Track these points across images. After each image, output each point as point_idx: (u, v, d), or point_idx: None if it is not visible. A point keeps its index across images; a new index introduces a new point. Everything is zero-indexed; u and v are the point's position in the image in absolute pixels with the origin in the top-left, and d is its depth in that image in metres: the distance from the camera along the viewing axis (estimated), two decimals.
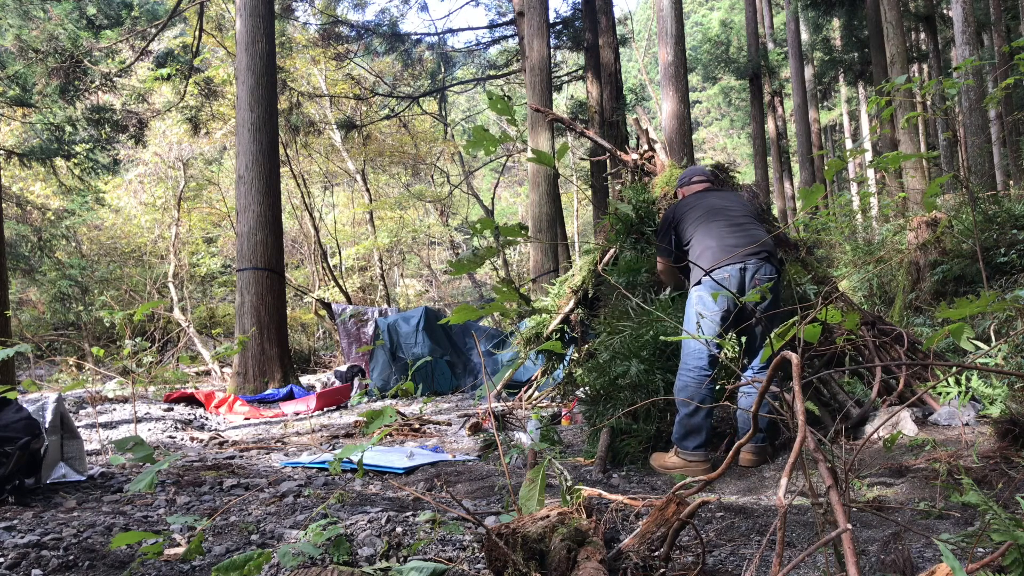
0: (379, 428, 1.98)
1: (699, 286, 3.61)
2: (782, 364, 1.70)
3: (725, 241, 3.62)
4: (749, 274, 3.54)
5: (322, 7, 16.08)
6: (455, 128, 23.41)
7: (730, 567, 2.14)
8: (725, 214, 3.74)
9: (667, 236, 3.88)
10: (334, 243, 19.91)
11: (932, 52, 17.67)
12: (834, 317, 2.03)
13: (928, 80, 5.22)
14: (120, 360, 8.87)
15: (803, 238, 7.76)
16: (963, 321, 1.72)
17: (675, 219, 3.86)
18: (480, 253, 1.91)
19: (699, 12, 39.99)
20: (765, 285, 2.55)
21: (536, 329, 6.06)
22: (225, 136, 16.14)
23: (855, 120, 27.75)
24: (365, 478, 3.85)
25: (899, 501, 2.78)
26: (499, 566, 1.81)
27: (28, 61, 11.08)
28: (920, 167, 10.12)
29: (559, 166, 18.03)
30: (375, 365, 9.30)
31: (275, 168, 9.27)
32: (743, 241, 3.60)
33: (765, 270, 3.55)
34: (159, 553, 2.06)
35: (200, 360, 13.28)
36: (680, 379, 3.62)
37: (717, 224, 3.69)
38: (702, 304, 3.55)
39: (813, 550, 1.28)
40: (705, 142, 40.01)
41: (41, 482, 3.42)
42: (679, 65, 9.01)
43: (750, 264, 3.54)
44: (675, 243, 3.85)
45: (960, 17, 9.82)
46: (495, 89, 20.78)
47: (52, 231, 14.52)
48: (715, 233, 3.66)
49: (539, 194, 11.25)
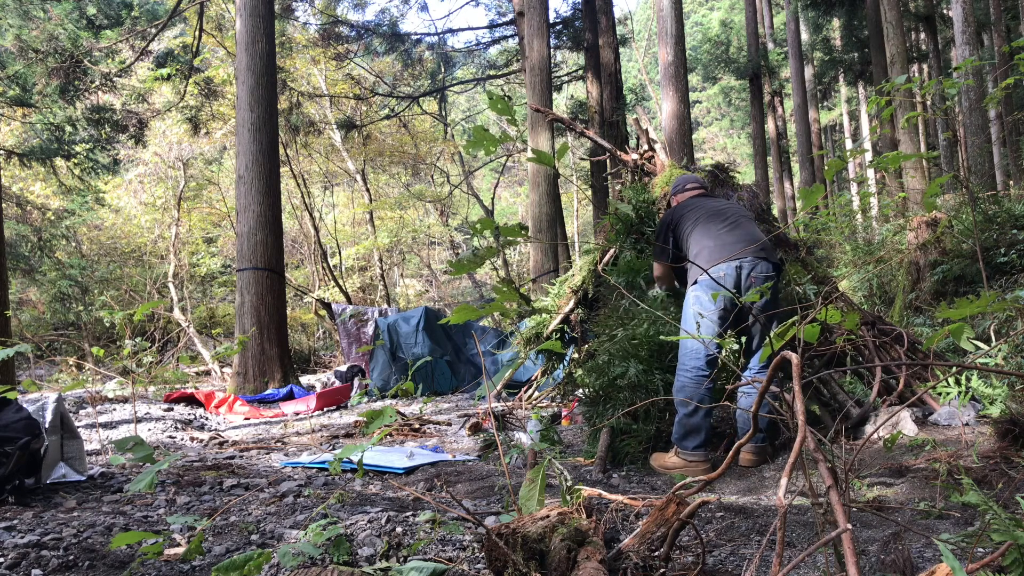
0: (379, 428, 1.98)
1: (696, 285, 3.62)
2: (782, 364, 1.70)
3: (722, 240, 3.62)
4: (745, 272, 3.54)
5: (322, 7, 16.08)
6: (455, 128, 23.41)
7: (730, 567, 2.14)
8: (722, 215, 3.75)
9: (665, 238, 3.88)
10: (334, 243, 19.91)
11: (932, 52, 17.67)
12: (834, 317, 2.03)
13: (928, 80, 5.23)
14: (120, 360, 8.87)
15: (803, 238, 7.77)
16: (963, 321, 1.72)
17: (672, 221, 3.87)
18: (480, 253, 1.91)
19: (699, 12, 39.99)
20: (766, 285, 2.55)
21: (536, 329, 6.06)
22: (225, 136, 16.14)
23: (855, 120, 27.75)
24: (365, 478, 3.85)
25: (899, 501, 2.78)
26: (499, 566, 1.81)
27: (28, 61, 11.08)
28: (920, 167, 10.12)
29: (559, 166, 18.04)
30: (375, 365, 9.30)
31: (275, 168, 9.27)
32: (739, 240, 3.61)
33: (761, 268, 3.55)
34: (159, 553, 2.06)
35: (200, 360, 13.28)
36: (678, 379, 3.62)
37: (714, 224, 3.70)
38: (699, 304, 3.55)
39: (813, 550, 1.28)
40: (705, 142, 40.02)
41: (41, 482, 3.42)
42: (679, 65, 9.01)
43: (746, 262, 3.54)
44: (673, 244, 3.86)
45: (960, 17, 9.82)
46: (495, 89, 20.78)
47: (52, 231, 14.52)
48: (712, 233, 3.67)
49: (539, 194, 11.25)
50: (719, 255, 3.56)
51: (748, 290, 3.44)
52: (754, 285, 3.50)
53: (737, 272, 3.54)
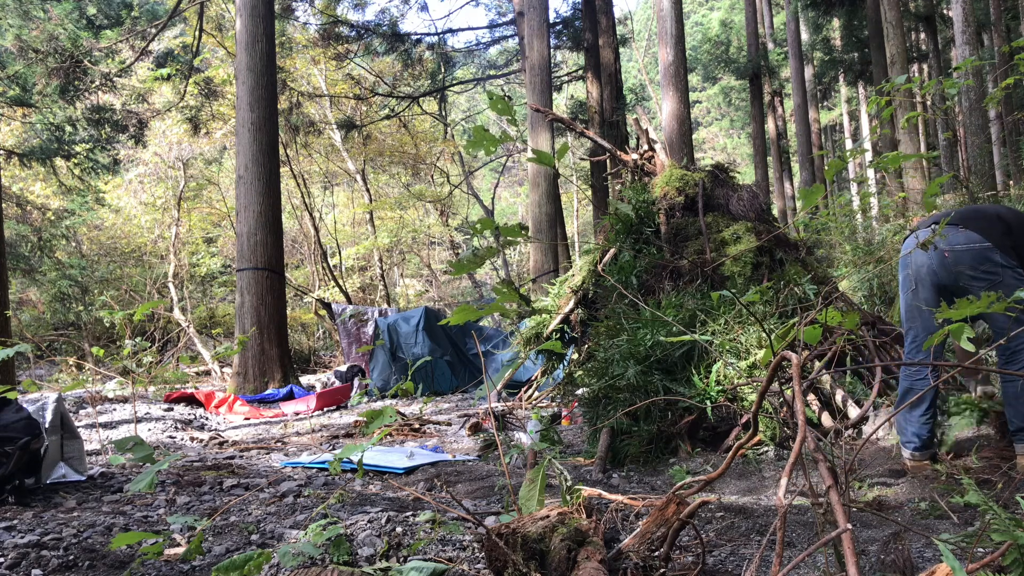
0: (379, 428, 1.98)
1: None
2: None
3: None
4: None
5: (322, 7, 16.06)
6: (455, 128, 23.39)
7: (730, 567, 2.14)
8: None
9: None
10: (334, 243, 19.91)
11: (932, 52, 17.67)
12: (834, 317, 2.03)
13: (928, 80, 5.23)
14: (120, 360, 8.86)
15: (803, 238, 7.76)
16: (963, 321, 1.72)
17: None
18: (480, 253, 1.91)
19: (699, 12, 39.99)
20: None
21: (536, 329, 6.06)
22: (225, 136, 16.13)
23: (855, 120, 27.74)
24: (365, 478, 3.85)
25: (899, 501, 2.78)
26: (499, 566, 1.81)
27: (28, 61, 11.07)
28: (920, 167, 10.12)
29: (559, 166, 18.03)
30: (375, 365, 9.30)
31: (275, 168, 9.27)
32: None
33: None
34: (159, 553, 2.06)
35: (200, 360, 13.28)
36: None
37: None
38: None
39: (813, 550, 1.28)
40: (705, 142, 40.01)
41: (41, 482, 3.42)
42: (679, 65, 9.00)
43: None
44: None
45: (960, 17, 9.82)
46: (495, 89, 20.79)
47: (52, 231, 14.51)
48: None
49: (539, 194, 11.25)
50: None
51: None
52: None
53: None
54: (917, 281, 3.15)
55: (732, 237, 5.00)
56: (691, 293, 4.69)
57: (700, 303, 4.46)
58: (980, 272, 2.94)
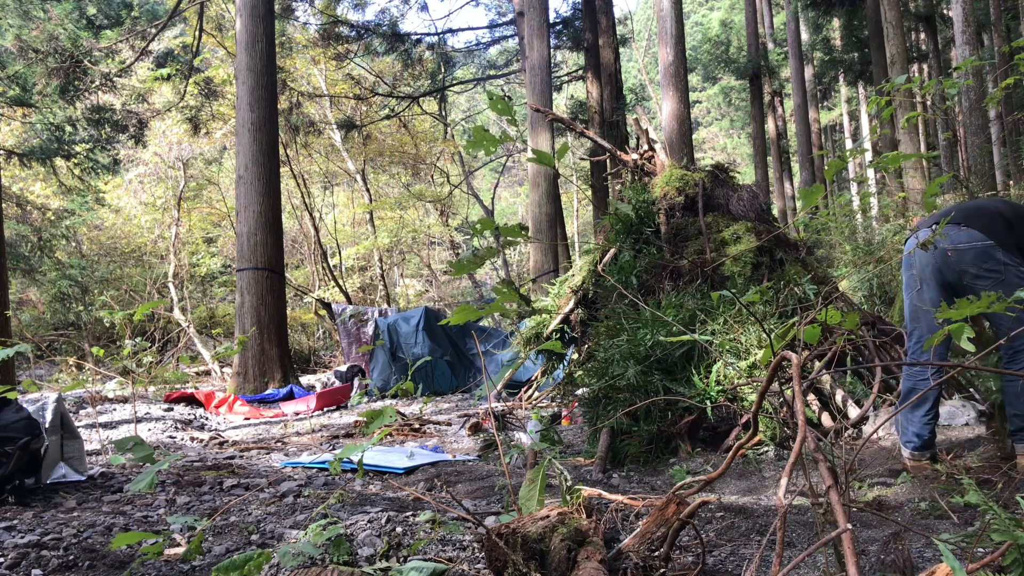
0: (379, 428, 1.98)
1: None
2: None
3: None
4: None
5: (322, 7, 16.06)
6: (455, 128, 23.39)
7: (730, 567, 2.14)
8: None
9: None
10: (334, 243, 19.90)
11: (932, 52, 17.67)
12: (834, 317, 2.03)
13: (928, 80, 5.23)
14: (120, 360, 8.86)
15: (803, 238, 7.76)
16: (963, 321, 1.72)
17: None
18: (480, 253, 1.91)
19: (699, 12, 39.99)
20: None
21: (536, 329, 6.06)
22: (225, 136, 16.13)
23: (855, 120, 27.74)
24: (365, 478, 3.85)
25: (899, 501, 2.78)
26: (499, 566, 1.81)
27: (28, 61, 11.07)
28: (920, 167, 10.12)
29: (559, 166, 18.04)
30: (375, 365, 9.30)
31: (275, 168, 9.27)
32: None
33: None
34: (159, 553, 2.06)
35: (200, 360, 13.28)
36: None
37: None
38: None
39: (813, 550, 1.28)
40: (705, 142, 40.01)
41: (41, 482, 3.42)
42: (679, 65, 9.00)
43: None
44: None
45: (960, 17, 9.82)
46: (495, 89, 20.78)
47: (52, 231, 14.51)
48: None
49: (539, 194, 11.25)
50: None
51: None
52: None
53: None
54: (922, 280, 3.16)
55: (732, 237, 5.00)
56: (691, 293, 4.69)
57: (700, 303, 4.46)
58: (983, 270, 2.94)
